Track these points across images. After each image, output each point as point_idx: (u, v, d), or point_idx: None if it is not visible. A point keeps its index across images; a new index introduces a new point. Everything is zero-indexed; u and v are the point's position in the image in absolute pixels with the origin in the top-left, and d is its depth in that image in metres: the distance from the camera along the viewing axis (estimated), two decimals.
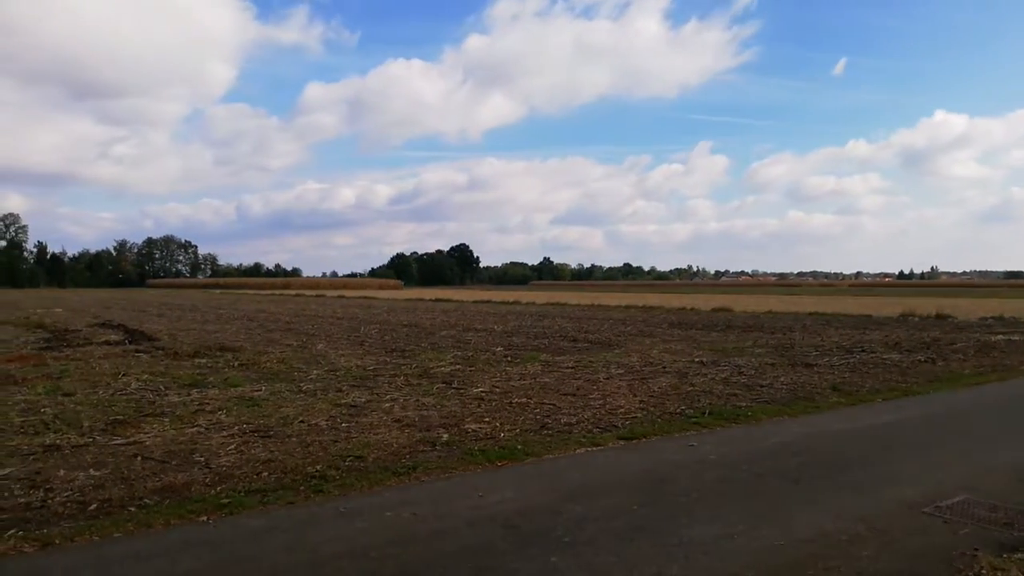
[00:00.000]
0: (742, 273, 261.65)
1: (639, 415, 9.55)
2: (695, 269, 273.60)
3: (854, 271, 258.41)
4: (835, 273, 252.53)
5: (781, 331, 23.31)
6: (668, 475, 6.77)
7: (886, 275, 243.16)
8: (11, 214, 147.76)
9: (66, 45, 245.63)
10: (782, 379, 12.80)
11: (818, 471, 6.94)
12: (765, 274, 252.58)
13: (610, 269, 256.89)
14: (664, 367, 14.22)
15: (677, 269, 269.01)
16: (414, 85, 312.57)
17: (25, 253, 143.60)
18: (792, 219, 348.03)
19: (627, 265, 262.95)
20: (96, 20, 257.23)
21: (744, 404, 10.40)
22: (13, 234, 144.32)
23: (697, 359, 15.54)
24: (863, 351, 17.27)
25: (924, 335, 21.69)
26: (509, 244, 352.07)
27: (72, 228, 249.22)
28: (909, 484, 6.48)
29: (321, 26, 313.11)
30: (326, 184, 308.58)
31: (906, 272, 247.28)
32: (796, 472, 6.88)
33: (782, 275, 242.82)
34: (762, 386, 12.00)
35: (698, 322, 27.77)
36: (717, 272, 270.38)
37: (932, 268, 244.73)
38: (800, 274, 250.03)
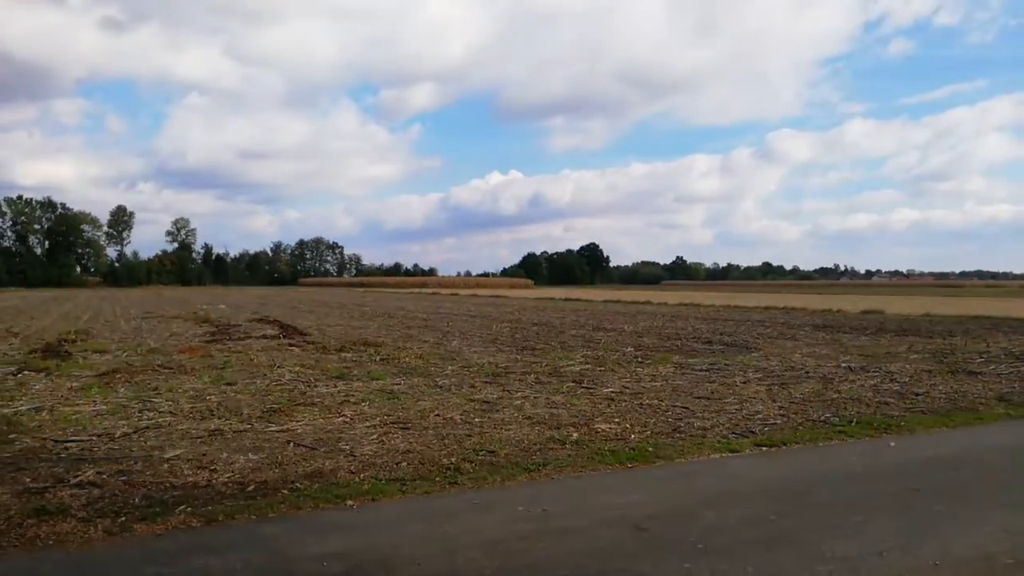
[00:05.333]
0: (896, 273, 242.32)
1: (779, 421, 9.14)
2: (842, 268, 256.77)
3: None
4: (1003, 272, 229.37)
5: (940, 335, 21.50)
6: (810, 485, 6.44)
7: None
8: (182, 218, 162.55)
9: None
10: (940, 387, 11.82)
11: (980, 487, 6.38)
12: (922, 274, 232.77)
13: (748, 268, 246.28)
14: (807, 372, 13.52)
15: (822, 268, 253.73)
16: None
17: (193, 254, 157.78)
18: (953, 213, 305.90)
19: (766, 264, 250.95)
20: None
21: (896, 413, 9.70)
22: (184, 236, 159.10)
23: (844, 364, 14.64)
24: None
25: None
26: (694, 239, 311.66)
27: (255, 225, 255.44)
28: None
29: None
30: (521, 177, 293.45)
31: None
32: (954, 487, 6.35)
33: (941, 275, 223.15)
34: (917, 394, 11.14)
35: (845, 325, 26.15)
36: (868, 272, 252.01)
37: None
38: (962, 274, 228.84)
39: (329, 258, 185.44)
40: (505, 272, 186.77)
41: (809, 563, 4.65)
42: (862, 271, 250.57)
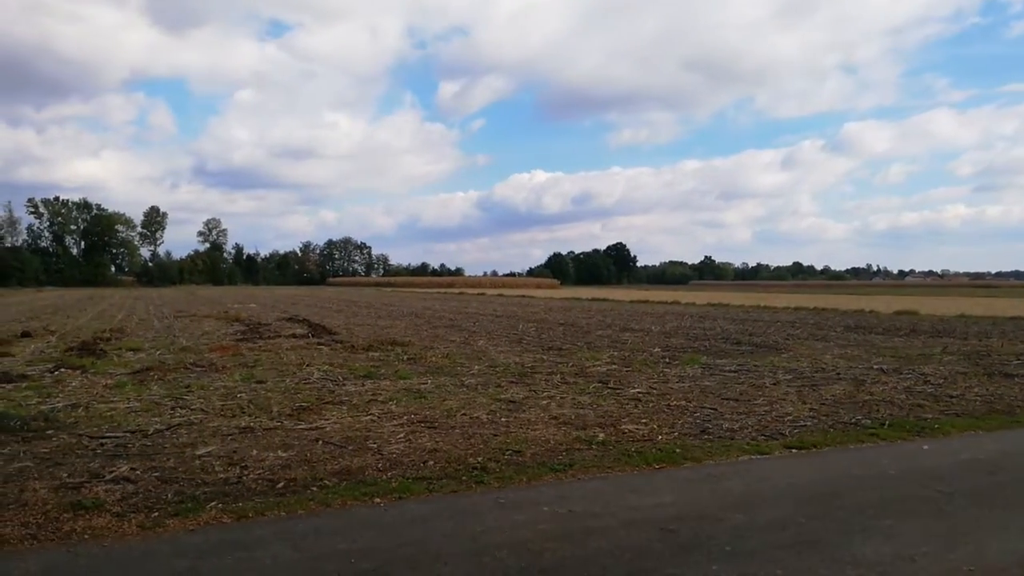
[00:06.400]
0: (930, 273, 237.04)
1: (809, 423, 9.03)
2: (875, 268, 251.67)
3: None
4: None
5: (975, 337, 21.07)
6: (841, 488, 6.36)
7: None
8: (213, 218, 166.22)
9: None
10: (976, 390, 11.58)
11: (1016, 491, 6.24)
12: (957, 274, 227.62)
13: (777, 268, 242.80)
14: (838, 373, 13.33)
15: (853, 268, 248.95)
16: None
17: (225, 254, 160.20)
18: (1013, 207, 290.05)
19: (796, 264, 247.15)
20: None
21: (930, 416, 9.52)
22: (215, 237, 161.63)
23: (876, 366, 14.41)
24: None
25: None
26: (730, 238, 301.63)
27: (296, 225, 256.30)
28: None
29: None
30: (568, 175, 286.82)
31: None
32: (990, 492, 6.21)
33: (977, 275, 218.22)
34: (952, 397, 10.92)
35: (877, 326, 25.73)
36: (900, 272, 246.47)
37: None
38: (999, 274, 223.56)
39: (357, 258, 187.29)
40: (532, 272, 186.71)
41: (839, 567, 4.58)
42: (895, 271, 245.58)
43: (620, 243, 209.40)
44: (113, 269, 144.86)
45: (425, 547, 4.94)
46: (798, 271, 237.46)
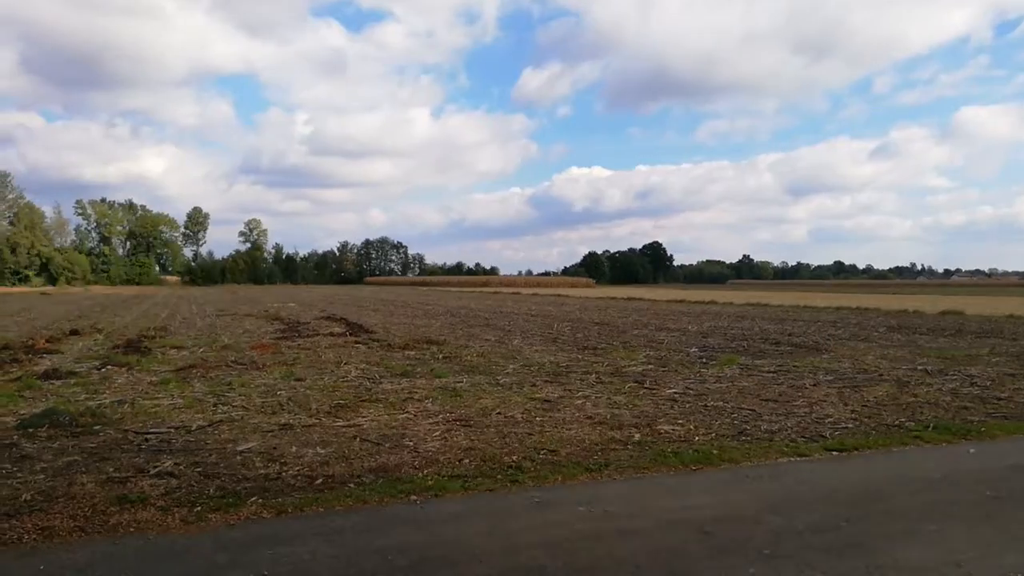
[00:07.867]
0: (976, 272, 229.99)
1: (850, 426, 8.85)
2: (919, 267, 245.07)
3: None
4: None
5: None
6: (883, 491, 6.22)
7: None
8: (254, 219, 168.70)
9: None
10: None
11: None
12: (1005, 273, 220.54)
13: (818, 268, 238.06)
14: (881, 375, 13.04)
15: (897, 268, 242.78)
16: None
17: (265, 254, 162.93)
18: None
19: (838, 263, 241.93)
20: None
21: (976, 419, 9.26)
22: (256, 237, 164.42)
23: (920, 367, 14.07)
24: None
25: None
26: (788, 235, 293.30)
27: (346, 223, 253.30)
28: None
29: None
30: (633, 170, 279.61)
31: None
32: None
33: None
34: (999, 399, 10.61)
35: (922, 326, 25.10)
36: (946, 271, 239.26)
37: None
38: None
39: (393, 257, 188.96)
40: (567, 271, 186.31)
41: (881, 571, 4.49)
42: (940, 270, 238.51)
43: (656, 242, 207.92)
44: (157, 269, 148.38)
45: (461, 545, 4.97)
46: (839, 270, 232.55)
